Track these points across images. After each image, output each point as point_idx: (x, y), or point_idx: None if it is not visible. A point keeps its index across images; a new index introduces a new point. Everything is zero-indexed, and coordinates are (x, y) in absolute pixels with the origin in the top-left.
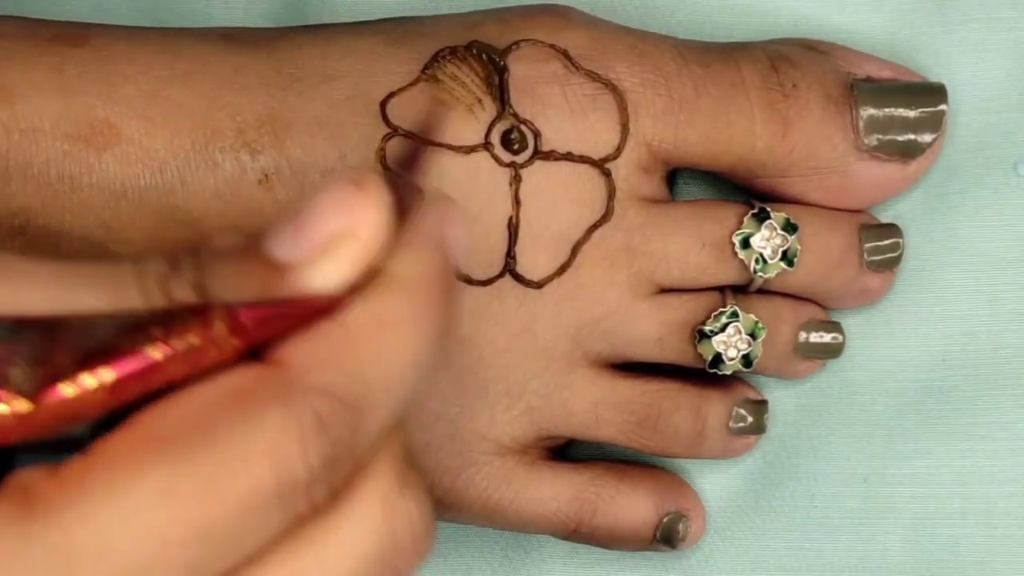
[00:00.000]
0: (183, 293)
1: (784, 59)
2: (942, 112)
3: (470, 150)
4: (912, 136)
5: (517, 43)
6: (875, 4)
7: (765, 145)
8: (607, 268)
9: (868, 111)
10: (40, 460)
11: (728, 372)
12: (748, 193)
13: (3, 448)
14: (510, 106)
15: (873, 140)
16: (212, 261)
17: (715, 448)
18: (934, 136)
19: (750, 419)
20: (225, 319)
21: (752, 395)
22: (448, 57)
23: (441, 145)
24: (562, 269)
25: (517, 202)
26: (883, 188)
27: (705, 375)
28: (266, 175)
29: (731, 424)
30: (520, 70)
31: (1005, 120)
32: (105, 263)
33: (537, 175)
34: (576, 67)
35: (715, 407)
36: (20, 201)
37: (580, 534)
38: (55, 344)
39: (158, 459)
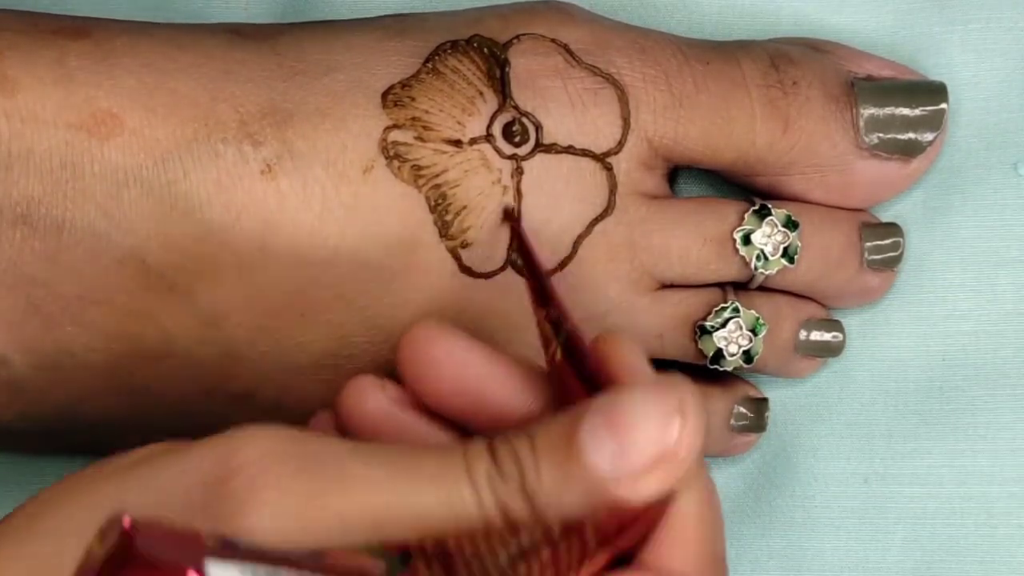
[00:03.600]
0: (515, 503)
1: (785, 57)
2: (942, 111)
3: (472, 142)
4: (912, 135)
5: (518, 37)
6: (876, 4)
7: (765, 142)
8: (608, 263)
9: (869, 109)
10: None
11: (729, 368)
12: (748, 192)
13: None
14: (511, 99)
15: (874, 138)
16: (532, 460)
17: (716, 446)
18: (934, 135)
19: (751, 417)
20: (595, 533)
21: (753, 393)
22: (449, 50)
23: (445, 141)
24: (564, 263)
25: (518, 195)
26: (883, 187)
27: (706, 373)
28: (268, 166)
29: (732, 422)
30: (521, 63)
31: (1005, 120)
32: (434, 453)
33: (538, 168)
34: (577, 61)
35: (716, 404)
36: (22, 190)
37: None
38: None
39: None
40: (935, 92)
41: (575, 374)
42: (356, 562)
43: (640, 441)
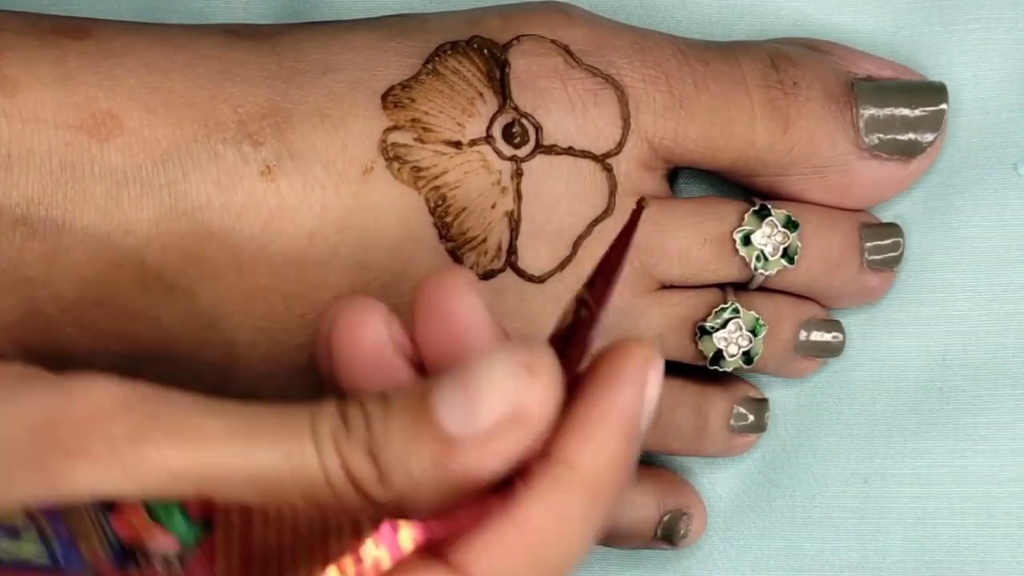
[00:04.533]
0: (357, 459)
1: (785, 57)
2: (942, 111)
3: (472, 143)
4: (912, 135)
5: (518, 38)
6: (876, 4)
7: (765, 142)
8: None
9: (869, 110)
10: None
11: (729, 369)
12: (748, 193)
13: None
14: (511, 100)
15: (874, 139)
16: (383, 420)
17: (716, 446)
18: (935, 135)
19: (751, 417)
20: (414, 538)
21: (753, 393)
22: (449, 51)
23: (445, 142)
24: (563, 264)
25: (518, 196)
26: (883, 187)
27: (706, 373)
28: (268, 167)
29: (732, 422)
30: (521, 64)
31: (1005, 120)
32: (278, 411)
33: (538, 169)
34: (577, 62)
35: (716, 405)
36: (21, 191)
37: None
38: (250, 560)
39: None
40: (935, 92)
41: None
42: (147, 533)
43: (487, 399)
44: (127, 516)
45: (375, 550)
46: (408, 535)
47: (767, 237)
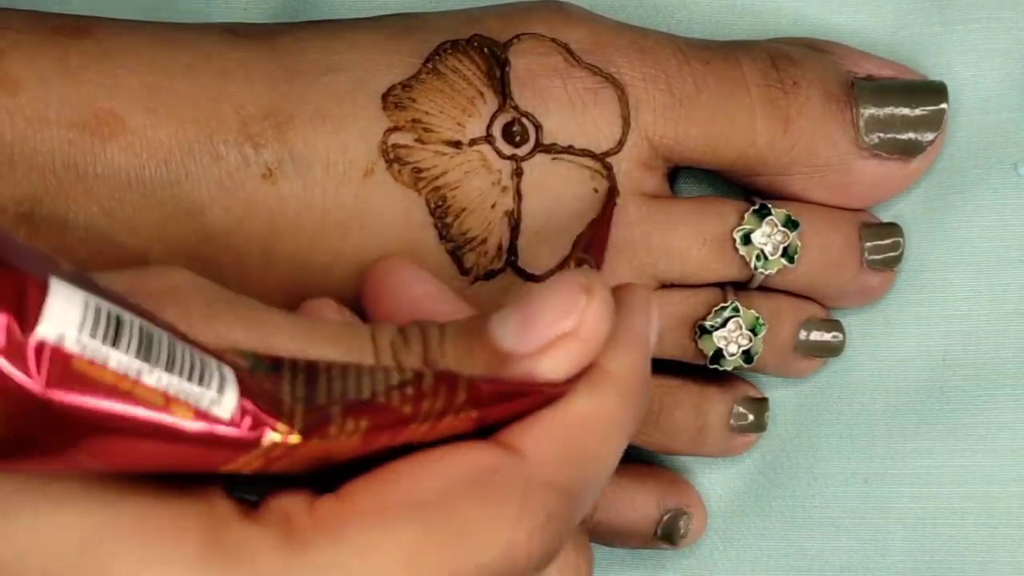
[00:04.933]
0: (413, 363)
1: (785, 57)
2: (943, 111)
3: (472, 143)
4: (913, 135)
5: (518, 36)
6: (876, 4)
7: (766, 142)
8: (608, 262)
9: (869, 109)
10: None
11: (729, 368)
12: (748, 192)
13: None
14: (511, 99)
15: (874, 138)
16: (439, 337)
17: (716, 446)
18: (935, 135)
19: (751, 417)
20: (468, 390)
21: (752, 393)
22: (449, 50)
23: (445, 142)
24: (563, 263)
25: (518, 195)
26: (883, 187)
27: (705, 373)
28: (269, 169)
29: (732, 422)
30: (521, 63)
31: (1005, 120)
32: (342, 324)
33: (538, 169)
34: (577, 61)
35: (716, 404)
36: (24, 189)
37: None
38: (315, 387)
39: (405, 521)
40: (935, 92)
41: None
42: (218, 347)
43: (543, 316)
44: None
45: (438, 402)
46: (463, 396)
47: (767, 236)
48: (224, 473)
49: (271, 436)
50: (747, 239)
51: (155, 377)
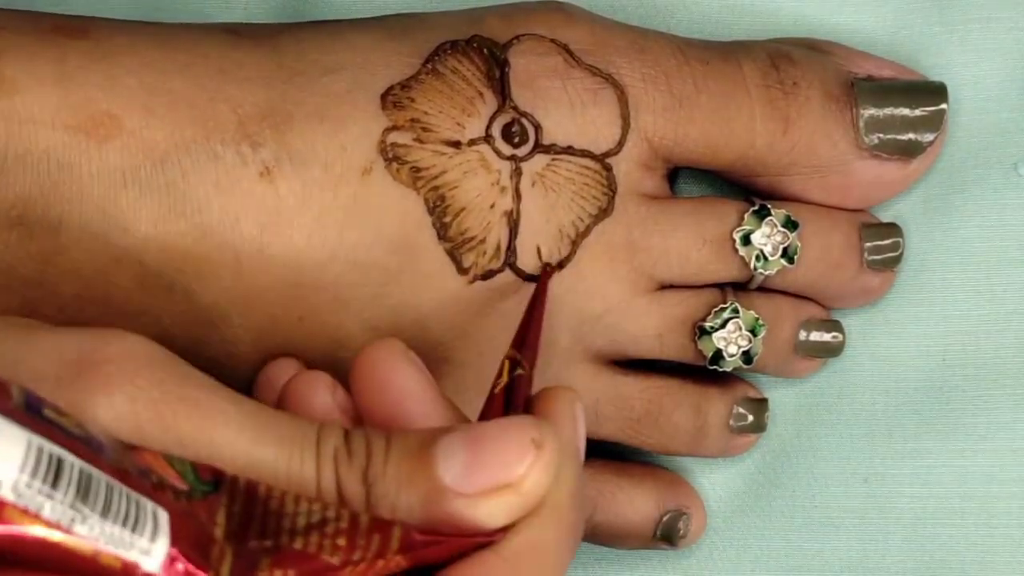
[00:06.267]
0: (351, 483)
1: (785, 57)
2: (942, 111)
3: (471, 143)
4: (912, 135)
5: (518, 37)
6: (876, 4)
7: (765, 142)
8: (607, 263)
9: (869, 110)
10: None
11: (728, 369)
12: (748, 193)
13: None
14: (511, 99)
15: (874, 139)
16: (383, 455)
17: (716, 446)
18: (934, 135)
19: (751, 417)
20: (401, 540)
21: (752, 393)
22: (449, 51)
23: (444, 142)
24: (562, 263)
25: (517, 195)
26: (883, 187)
27: (705, 373)
28: (267, 168)
29: (732, 422)
30: (521, 64)
31: (1005, 120)
32: (290, 417)
33: (537, 169)
34: (577, 61)
35: (716, 405)
36: (17, 190)
37: None
38: (250, 520)
39: None
40: (935, 92)
41: (503, 411)
42: (163, 470)
43: (489, 462)
44: (146, 454)
45: (369, 552)
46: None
47: (767, 237)
48: None
49: None
50: (747, 240)
51: (88, 526)
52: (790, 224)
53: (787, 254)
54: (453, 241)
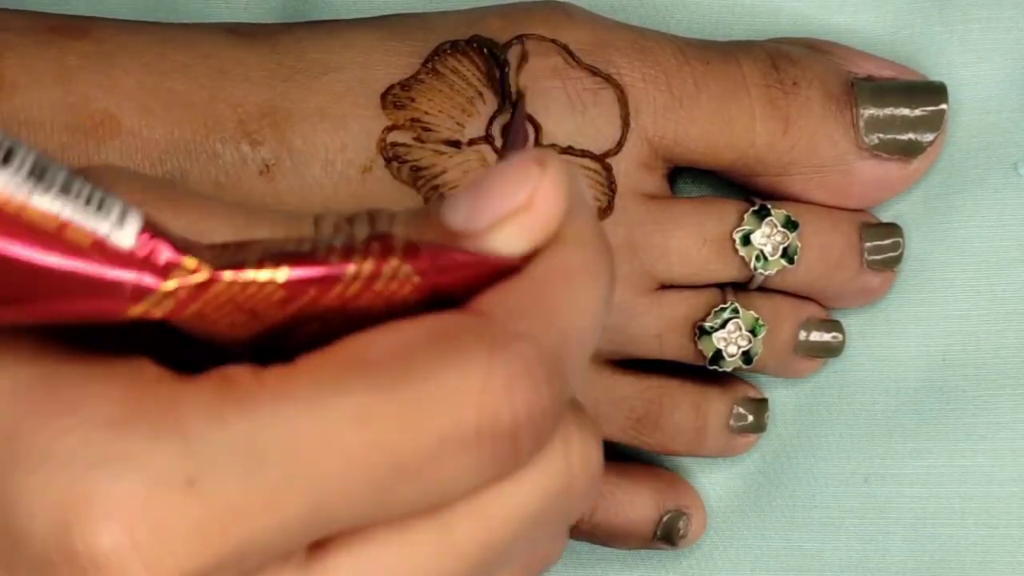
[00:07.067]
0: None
1: (785, 57)
2: (942, 111)
3: (471, 143)
4: (913, 135)
5: (518, 37)
6: (876, 4)
7: (765, 142)
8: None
9: (869, 110)
10: None
11: (728, 369)
12: (748, 193)
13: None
14: (511, 99)
15: (874, 139)
16: (388, 222)
17: (716, 446)
18: (935, 135)
19: (751, 417)
20: (405, 251)
21: (752, 393)
22: (449, 50)
23: (444, 142)
24: None
25: None
26: (883, 187)
27: (705, 373)
28: (267, 166)
29: (732, 422)
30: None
31: (1005, 120)
32: (282, 212)
33: None
34: (577, 61)
35: (716, 405)
36: None
37: (580, 531)
38: (242, 248)
39: (361, 381)
40: (935, 92)
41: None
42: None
43: (495, 190)
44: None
45: (369, 262)
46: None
47: (767, 237)
48: (133, 320)
49: (180, 267)
50: (747, 240)
51: (47, 200)
52: (790, 224)
53: (787, 254)
54: None
